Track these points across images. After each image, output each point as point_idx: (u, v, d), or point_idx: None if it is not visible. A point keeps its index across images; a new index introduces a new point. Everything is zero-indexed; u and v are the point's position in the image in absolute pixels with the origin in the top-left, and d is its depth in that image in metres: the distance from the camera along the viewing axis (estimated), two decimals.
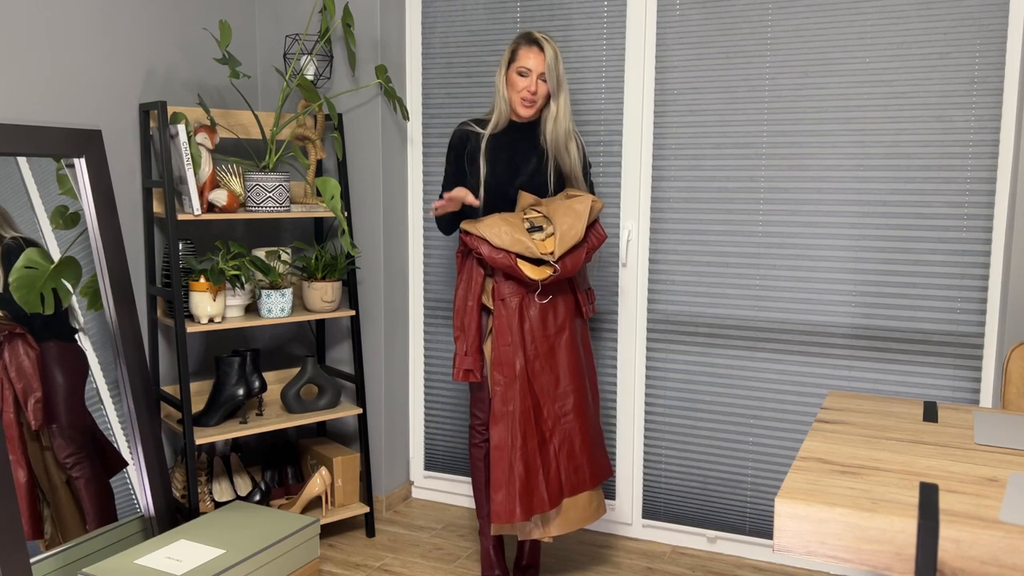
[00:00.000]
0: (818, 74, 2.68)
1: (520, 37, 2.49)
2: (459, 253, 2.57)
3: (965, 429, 1.71)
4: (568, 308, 2.54)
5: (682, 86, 2.85)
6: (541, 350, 2.47)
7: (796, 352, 2.79)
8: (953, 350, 2.61)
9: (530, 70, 2.46)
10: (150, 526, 2.64)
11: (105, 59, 2.67)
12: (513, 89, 2.48)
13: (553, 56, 2.45)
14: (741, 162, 2.80)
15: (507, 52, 2.50)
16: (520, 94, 2.47)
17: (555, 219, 2.45)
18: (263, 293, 2.78)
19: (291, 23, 3.20)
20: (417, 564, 2.85)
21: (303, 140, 3.01)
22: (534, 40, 2.46)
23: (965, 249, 2.57)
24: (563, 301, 2.53)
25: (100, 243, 2.56)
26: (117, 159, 2.72)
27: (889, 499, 1.32)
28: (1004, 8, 2.45)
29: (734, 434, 2.90)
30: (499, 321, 2.45)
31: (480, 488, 2.68)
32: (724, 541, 2.95)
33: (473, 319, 2.48)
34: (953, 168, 2.56)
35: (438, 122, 3.24)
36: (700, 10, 2.80)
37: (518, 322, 2.44)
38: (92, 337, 2.57)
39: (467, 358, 2.48)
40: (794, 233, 2.76)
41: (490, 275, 2.49)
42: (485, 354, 2.50)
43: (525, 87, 2.46)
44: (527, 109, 2.49)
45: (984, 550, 1.20)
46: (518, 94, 2.48)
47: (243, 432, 2.75)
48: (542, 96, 2.49)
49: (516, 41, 2.49)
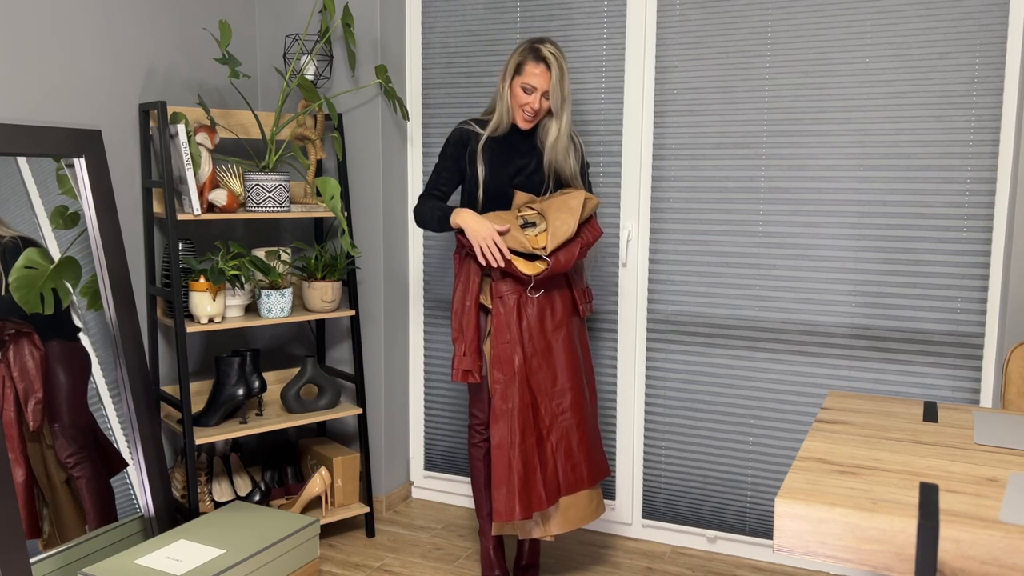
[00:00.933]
0: (818, 74, 2.68)
1: (528, 50, 2.44)
2: (456, 255, 2.57)
3: (965, 429, 1.71)
4: (566, 306, 2.54)
5: (682, 86, 2.85)
6: (539, 347, 2.47)
7: (796, 352, 2.79)
8: (953, 350, 2.61)
9: (535, 88, 2.43)
10: (150, 526, 2.64)
11: (105, 59, 2.67)
12: (515, 101, 2.47)
13: (559, 75, 2.42)
14: (741, 162, 2.80)
15: (513, 61, 2.46)
16: (522, 109, 2.46)
17: (548, 215, 2.45)
18: (263, 293, 2.78)
19: (291, 23, 3.20)
20: (417, 564, 2.85)
21: (303, 140, 3.01)
22: (542, 58, 2.42)
23: (965, 249, 2.57)
24: (560, 299, 2.53)
25: (100, 243, 2.56)
26: (117, 159, 2.72)
27: (889, 499, 1.32)
28: (1004, 8, 2.45)
29: (734, 434, 2.90)
30: (497, 319, 2.45)
31: (480, 488, 2.68)
32: (724, 541, 2.95)
33: (471, 319, 2.47)
34: (953, 168, 2.56)
35: (438, 122, 3.24)
36: (700, 10, 2.80)
37: (516, 320, 2.44)
38: (92, 337, 2.57)
39: (466, 358, 2.47)
40: (794, 233, 2.76)
41: (487, 275, 2.49)
42: (484, 354, 2.50)
43: (527, 103, 2.45)
44: (527, 123, 2.49)
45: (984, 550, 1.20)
46: (520, 108, 2.47)
47: (243, 432, 2.75)
48: (543, 112, 2.49)
49: (524, 52, 2.44)
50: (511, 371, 2.43)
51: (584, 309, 2.60)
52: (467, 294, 2.49)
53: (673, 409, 2.98)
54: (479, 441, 2.64)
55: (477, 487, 2.68)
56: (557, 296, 2.52)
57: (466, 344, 2.47)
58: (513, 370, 2.43)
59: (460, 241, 2.50)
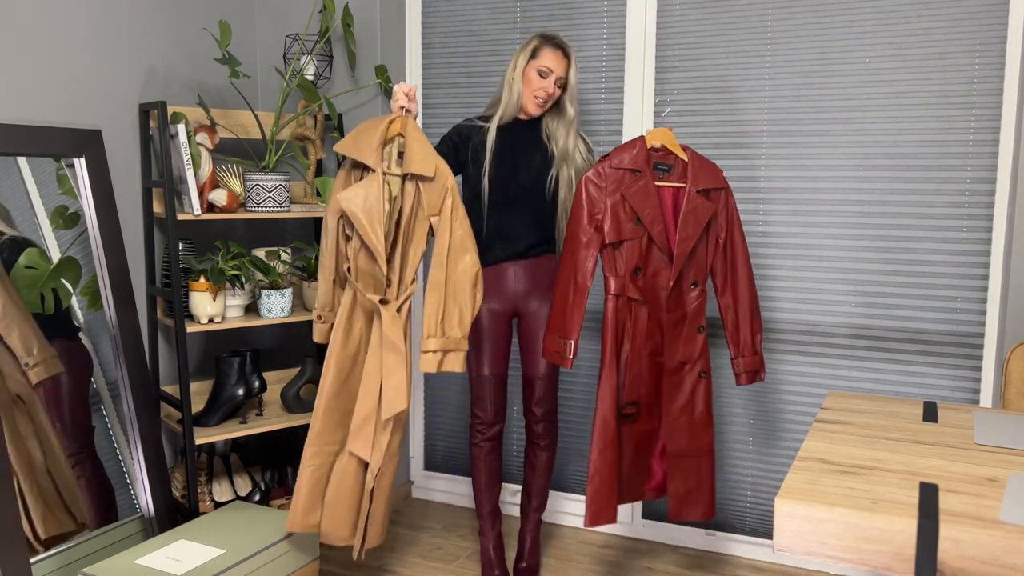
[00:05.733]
0: (818, 74, 2.68)
1: (544, 37, 2.45)
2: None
3: (965, 429, 1.71)
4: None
5: (682, 86, 2.85)
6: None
7: (796, 352, 2.79)
8: (953, 350, 2.61)
9: (551, 71, 2.43)
10: (150, 526, 2.64)
11: (105, 59, 2.67)
12: (528, 86, 2.45)
13: (575, 68, 2.47)
14: (741, 162, 2.80)
15: (528, 47, 2.45)
16: (535, 92, 2.45)
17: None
18: (263, 293, 2.79)
19: (291, 23, 3.20)
20: (417, 564, 2.85)
21: (303, 140, 3.01)
22: (560, 45, 2.45)
23: (965, 249, 2.57)
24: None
25: (100, 243, 2.56)
26: (117, 159, 2.72)
27: (889, 499, 1.32)
28: (1004, 8, 2.45)
29: (734, 434, 2.90)
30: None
31: (480, 488, 2.68)
32: (724, 541, 2.95)
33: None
34: (953, 168, 2.56)
35: (438, 122, 3.24)
36: (700, 10, 2.80)
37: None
38: (92, 337, 2.57)
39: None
40: (794, 233, 2.76)
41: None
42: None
43: (542, 87, 2.44)
44: (538, 108, 2.48)
45: (984, 550, 1.20)
46: (532, 92, 2.45)
47: (243, 432, 2.75)
48: (553, 100, 2.49)
49: (540, 39, 2.45)
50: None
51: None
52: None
53: None
54: (480, 440, 2.64)
55: (477, 486, 2.68)
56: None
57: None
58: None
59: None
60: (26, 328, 2.37)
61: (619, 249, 2.32)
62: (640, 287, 2.33)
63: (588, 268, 2.32)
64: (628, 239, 2.31)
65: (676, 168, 2.37)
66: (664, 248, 2.33)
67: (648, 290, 2.35)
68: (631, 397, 2.37)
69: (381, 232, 2.23)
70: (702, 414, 2.41)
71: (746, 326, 2.43)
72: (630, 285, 2.32)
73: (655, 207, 2.31)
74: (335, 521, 2.35)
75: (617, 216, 2.30)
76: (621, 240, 2.31)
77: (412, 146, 2.27)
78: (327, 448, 2.34)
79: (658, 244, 2.33)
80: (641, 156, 2.32)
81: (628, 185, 2.30)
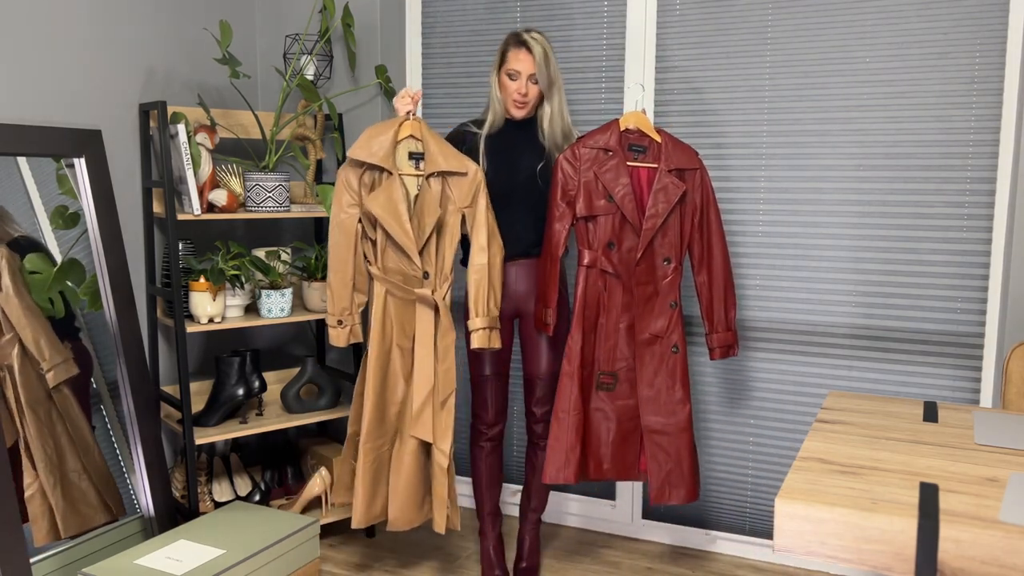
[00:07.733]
0: (818, 74, 2.68)
1: (509, 37, 2.46)
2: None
3: (965, 429, 1.71)
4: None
5: (682, 86, 2.85)
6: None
7: (796, 352, 2.79)
8: (953, 350, 2.61)
9: (519, 72, 2.43)
10: (150, 526, 2.64)
11: (105, 59, 2.67)
12: (505, 91, 2.47)
13: (542, 55, 2.41)
14: (741, 162, 2.80)
15: (498, 53, 2.48)
16: (511, 96, 2.46)
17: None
18: (263, 293, 2.79)
19: (291, 23, 3.20)
20: (417, 564, 2.85)
21: (303, 140, 3.01)
22: (522, 41, 2.43)
23: (965, 249, 2.57)
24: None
25: (100, 243, 2.56)
26: (117, 159, 2.72)
27: (889, 499, 1.32)
28: (1004, 8, 2.45)
29: (734, 434, 2.90)
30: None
31: (481, 488, 2.68)
32: (724, 541, 2.95)
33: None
34: (953, 168, 2.56)
35: (438, 122, 3.24)
36: (700, 10, 2.80)
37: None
38: (92, 337, 2.57)
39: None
40: (794, 233, 2.76)
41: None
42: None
43: (515, 89, 2.45)
44: (519, 110, 2.48)
45: (984, 550, 1.20)
46: (509, 96, 2.47)
47: (243, 432, 2.75)
48: (533, 97, 2.48)
49: (505, 42, 2.46)
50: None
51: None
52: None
53: None
54: (481, 441, 2.64)
55: (478, 487, 2.68)
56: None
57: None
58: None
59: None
60: (41, 332, 2.38)
61: (592, 223, 2.43)
62: (614, 262, 2.44)
63: (560, 240, 2.44)
64: (601, 215, 2.42)
65: (651, 149, 2.46)
66: (636, 225, 2.43)
67: (622, 264, 2.45)
68: (607, 367, 2.48)
69: (411, 230, 2.38)
70: (677, 389, 2.48)
71: (719, 302, 2.52)
72: (603, 258, 2.43)
73: (626, 185, 2.41)
74: (403, 506, 2.49)
75: (589, 193, 2.42)
76: (594, 215, 2.42)
77: (434, 147, 2.43)
78: (379, 442, 2.49)
79: (630, 221, 2.42)
80: (614, 137, 2.43)
81: (601, 164, 2.41)
